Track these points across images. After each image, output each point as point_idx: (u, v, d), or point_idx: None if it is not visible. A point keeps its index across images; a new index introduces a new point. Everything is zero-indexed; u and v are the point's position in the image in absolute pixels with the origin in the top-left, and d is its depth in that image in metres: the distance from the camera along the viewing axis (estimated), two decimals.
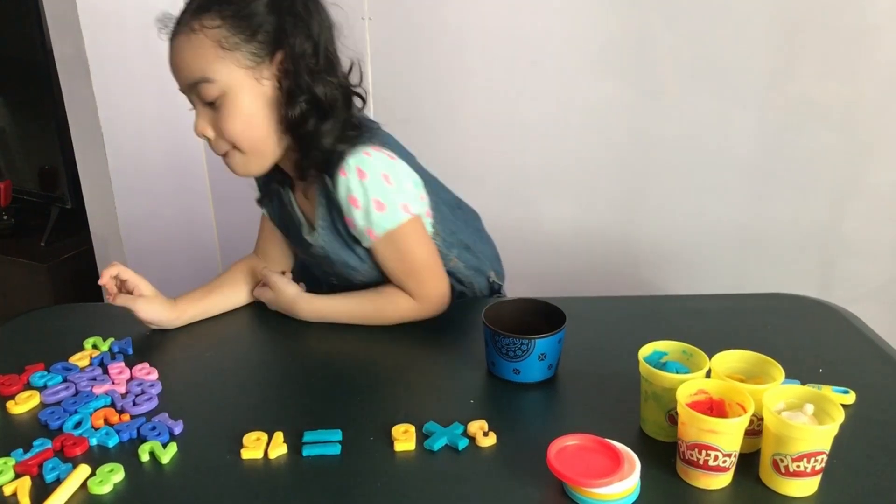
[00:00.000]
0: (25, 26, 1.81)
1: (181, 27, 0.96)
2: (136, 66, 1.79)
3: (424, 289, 1.06)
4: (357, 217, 1.02)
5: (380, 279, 1.09)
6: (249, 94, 0.97)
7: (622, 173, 1.71)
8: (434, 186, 1.12)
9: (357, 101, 1.04)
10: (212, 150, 1.02)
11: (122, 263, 1.07)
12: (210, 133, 1.00)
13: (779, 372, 0.82)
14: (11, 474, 0.79)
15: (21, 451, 0.82)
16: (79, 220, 1.92)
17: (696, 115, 1.62)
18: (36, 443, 0.83)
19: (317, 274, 1.16)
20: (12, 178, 2.03)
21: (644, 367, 0.84)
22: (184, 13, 0.97)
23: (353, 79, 1.03)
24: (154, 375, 0.96)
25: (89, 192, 1.84)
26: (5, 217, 2.05)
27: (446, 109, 1.72)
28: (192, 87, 0.98)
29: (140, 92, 1.81)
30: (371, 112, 1.82)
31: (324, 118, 0.99)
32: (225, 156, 1.01)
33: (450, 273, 1.12)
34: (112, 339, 1.05)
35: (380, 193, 1.00)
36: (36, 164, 2.01)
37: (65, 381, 0.96)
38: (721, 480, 0.76)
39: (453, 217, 1.14)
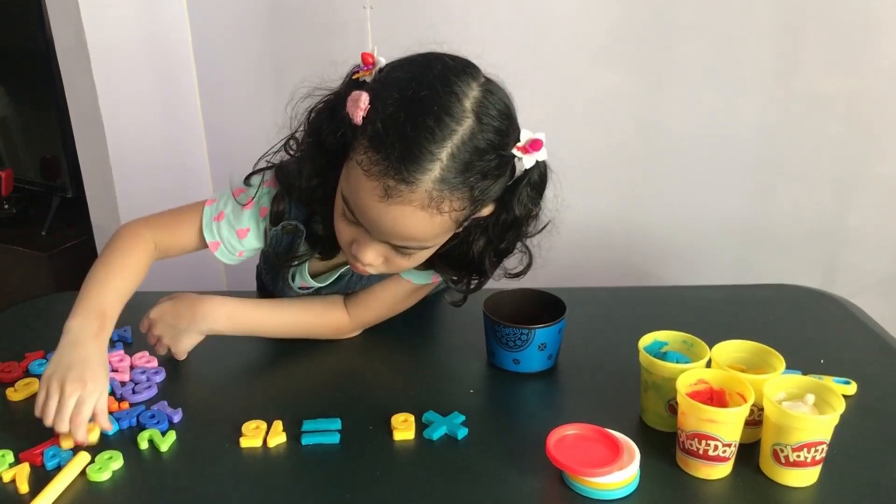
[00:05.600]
0: (26, 15, 1.80)
1: (419, 196, 0.77)
2: (136, 56, 1.79)
3: (372, 319, 1.03)
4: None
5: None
6: (443, 242, 0.88)
7: (625, 164, 1.70)
8: None
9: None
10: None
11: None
12: (379, 262, 0.87)
13: (780, 362, 0.82)
14: (11, 459, 0.79)
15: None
16: (80, 210, 1.91)
17: (700, 107, 1.61)
18: None
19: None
20: (13, 167, 2.03)
21: (644, 357, 0.83)
22: (418, 172, 0.76)
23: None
24: (154, 363, 0.96)
25: (90, 181, 1.84)
26: (6, 206, 2.05)
27: None
28: (395, 243, 0.84)
29: (141, 81, 1.81)
30: None
31: (500, 258, 0.93)
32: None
33: None
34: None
35: None
36: (37, 153, 2.01)
37: None
38: (721, 470, 0.76)
39: None
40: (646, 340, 0.86)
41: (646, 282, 1.70)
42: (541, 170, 0.87)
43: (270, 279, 1.06)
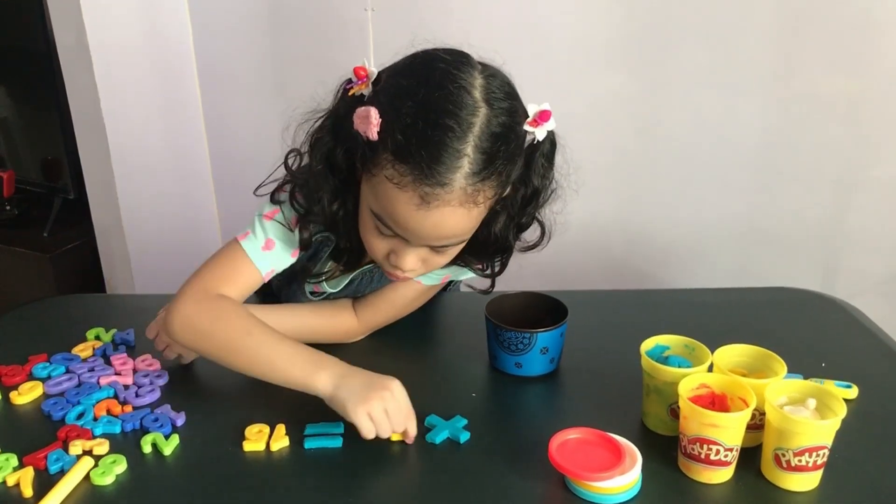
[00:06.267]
0: (28, 16, 1.80)
1: (456, 195, 0.78)
2: (138, 56, 1.79)
3: (381, 321, 1.04)
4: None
5: None
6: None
7: (626, 167, 1.70)
8: None
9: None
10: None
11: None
12: (419, 266, 0.88)
13: (781, 366, 0.82)
14: (15, 462, 0.79)
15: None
16: (81, 211, 1.91)
17: (700, 109, 1.61)
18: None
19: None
20: (15, 168, 2.03)
21: (646, 362, 0.84)
22: (451, 172, 0.77)
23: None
24: (157, 367, 0.96)
25: (92, 182, 1.84)
26: (8, 207, 2.05)
27: None
28: (436, 245, 0.85)
29: (142, 82, 1.81)
30: None
31: (518, 234, 0.93)
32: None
33: None
34: (115, 331, 1.05)
35: None
36: (39, 154, 2.01)
37: (67, 371, 0.96)
38: (722, 475, 0.76)
39: None
40: (648, 344, 0.86)
41: (647, 285, 1.70)
42: (551, 138, 0.88)
43: (279, 287, 1.06)
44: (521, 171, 0.86)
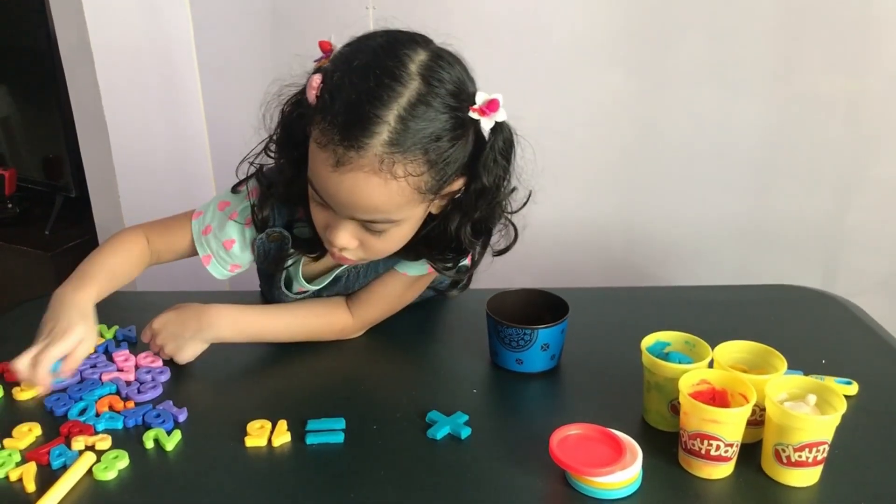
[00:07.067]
0: (29, 14, 1.81)
1: (369, 160, 0.77)
2: (140, 55, 1.79)
3: (376, 316, 1.04)
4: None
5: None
6: (417, 220, 0.87)
7: (626, 165, 1.70)
8: None
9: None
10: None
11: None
12: (353, 245, 0.87)
13: (781, 362, 0.82)
14: (17, 458, 0.79)
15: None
16: (83, 209, 1.92)
17: (700, 107, 1.61)
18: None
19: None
20: (17, 166, 2.03)
21: (647, 358, 0.84)
22: (365, 136, 0.76)
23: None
24: (159, 363, 0.97)
25: (93, 180, 1.84)
26: (10, 206, 2.05)
27: None
28: (360, 218, 0.83)
29: (144, 80, 1.81)
30: None
31: (479, 234, 0.91)
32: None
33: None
34: (117, 327, 1.05)
35: None
36: (40, 152, 2.01)
37: None
38: (723, 470, 0.77)
39: None
40: (648, 341, 0.86)
41: (647, 282, 1.70)
42: (505, 135, 0.86)
43: (267, 289, 1.07)
44: (469, 164, 0.84)
